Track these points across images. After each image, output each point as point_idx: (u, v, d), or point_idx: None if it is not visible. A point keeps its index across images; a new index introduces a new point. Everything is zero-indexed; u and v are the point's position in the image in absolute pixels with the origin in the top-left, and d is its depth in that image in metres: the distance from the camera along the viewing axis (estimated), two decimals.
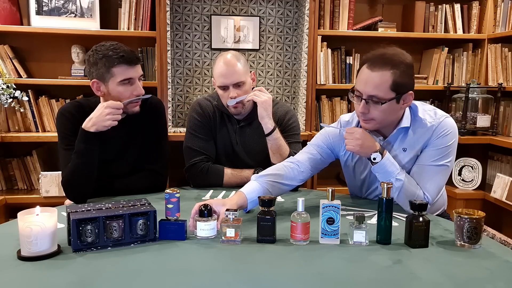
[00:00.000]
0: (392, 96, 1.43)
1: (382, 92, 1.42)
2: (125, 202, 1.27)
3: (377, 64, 1.42)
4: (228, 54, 1.84)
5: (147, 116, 1.77)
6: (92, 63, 1.65)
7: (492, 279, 1.02)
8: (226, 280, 1.00)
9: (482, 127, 2.80)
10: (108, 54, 1.62)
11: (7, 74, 2.54)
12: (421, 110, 1.55)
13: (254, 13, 2.88)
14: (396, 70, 1.41)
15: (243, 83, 1.81)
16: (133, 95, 1.67)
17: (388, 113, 1.47)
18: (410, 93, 1.47)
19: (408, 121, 1.52)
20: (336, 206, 1.20)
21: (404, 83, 1.43)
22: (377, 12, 2.98)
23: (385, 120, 1.49)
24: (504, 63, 2.85)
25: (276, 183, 1.52)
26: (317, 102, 2.86)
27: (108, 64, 1.62)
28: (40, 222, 1.08)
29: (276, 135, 1.75)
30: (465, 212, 1.22)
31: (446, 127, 1.50)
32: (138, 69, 1.68)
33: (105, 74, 1.63)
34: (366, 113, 1.46)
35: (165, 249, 1.17)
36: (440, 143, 1.49)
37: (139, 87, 1.68)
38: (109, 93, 1.66)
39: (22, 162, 2.68)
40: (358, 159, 1.64)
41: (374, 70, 1.42)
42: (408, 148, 1.53)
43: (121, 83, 1.64)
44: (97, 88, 1.68)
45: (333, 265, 1.10)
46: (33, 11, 2.56)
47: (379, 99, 1.43)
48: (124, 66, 1.63)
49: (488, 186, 2.87)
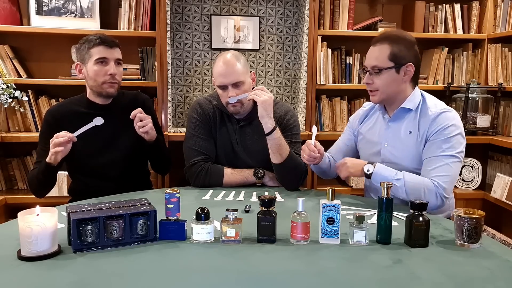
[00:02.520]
0: (391, 65, 1.60)
1: (381, 62, 1.61)
2: (125, 202, 1.27)
3: (379, 40, 1.63)
4: (228, 54, 1.84)
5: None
6: (77, 48, 1.85)
7: (492, 278, 1.02)
8: (226, 280, 1.01)
9: (482, 127, 2.80)
10: (89, 38, 1.82)
11: (7, 74, 2.54)
12: (431, 99, 1.67)
13: (254, 13, 2.88)
14: (394, 43, 1.60)
15: (242, 83, 1.81)
16: (107, 75, 1.80)
17: (390, 82, 1.62)
18: (409, 64, 1.61)
19: (413, 104, 1.65)
20: (336, 206, 1.21)
21: (403, 55, 1.60)
22: (377, 12, 2.99)
23: (388, 90, 1.63)
24: (504, 63, 2.85)
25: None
26: (317, 102, 2.87)
27: (88, 45, 1.81)
28: (40, 222, 1.08)
29: (276, 134, 1.75)
30: (465, 211, 1.22)
31: (445, 120, 1.57)
32: (114, 52, 1.83)
33: (85, 55, 1.81)
34: (370, 83, 1.65)
35: (165, 249, 1.18)
36: (441, 135, 1.56)
37: (113, 67, 1.82)
38: (88, 73, 1.83)
39: (22, 162, 2.69)
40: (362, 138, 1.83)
41: (375, 45, 1.63)
42: (414, 131, 1.63)
43: (97, 61, 1.79)
44: (79, 70, 1.86)
45: (333, 265, 1.10)
46: (33, 11, 2.56)
47: (378, 68, 1.61)
48: (100, 47, 1.80)
49: (488, 186, 2.87)
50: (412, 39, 1.65)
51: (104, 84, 1.81)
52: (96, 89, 1.84)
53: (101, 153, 1.86)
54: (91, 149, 1.84)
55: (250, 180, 1.85)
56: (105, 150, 1.86)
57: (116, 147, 1.88)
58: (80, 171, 1.90)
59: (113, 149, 1.87)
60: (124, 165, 1.90)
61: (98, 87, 1.83)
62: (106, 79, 1.81)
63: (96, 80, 1.81)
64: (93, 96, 1.88)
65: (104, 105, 1.88)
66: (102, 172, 1.87)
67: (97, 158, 1.86)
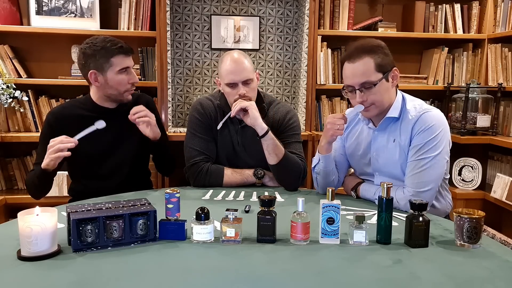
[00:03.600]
0: (381, 76, 1.54)
1: (370, 76, 1.53)
2: (125, 202, 1.27)
3: (355, 55, 1.54)
4: (235, 53, 1.84)
5: None
6: (89, 54, 1.76)
7: (492, 279, 1.02)
8: (226, 280, 1.00)
9: (482, 127, 2.79)
10: (107, 45, 1.75)
11: (7, 74, 2.54)
12: (410, 102, 1.62)
13: (254, 13, 2.88)
14: (373, 54, 1.53)
15: (251, 80, 1.82)
16: (129, 83, 1.81)
17: (383, 93, 1.56)
18: (394, 69, 1.58)
19: (396, 111, 1.60)
20: (336, 206, 1.20)
21: (385, 62, 1.55)
22: (377, 12, 2.99)
23: (383, 101, 1.58)
24: (504, 63, 2.85)
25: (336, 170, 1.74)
26: (317, 102, 2.87)
27: (108, 54, 1.75)
28: (40, 222, 1.08)
29: (271, 135, 1.74)
30: (465, 211, 1.22)
31: (426, 122, 1.54)
32: (131, 59, 1.84)
33: (104, 64, 1.75)
34: (365, 100, 1.56)
35: (165, 249, 1.17)
36: (422, 138, 1.53)
37: (134, 75, 1.83)
38: (106, 82, 1.78)
39: (22, 162, 2.69)
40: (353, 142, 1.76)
41: (355, 62, 1.54)
42: (397, 139, 1.60)
43: (120, 72, 1.77)
44: (95, 78, 1.78)
45: (333, 265, 1.10)
46: (33, 11, 2.56)
47: (370, 83, 1.53)
48: (121, 56, 1.77)
49: (488, 186, 2.87)
50: (382, 43, 1.59)
51: (126, 92, 1.81)
52: (116, 97, 1.81)
53: (106, 157, 1.84)
54: (96, 153, 1.82)
55: (250, 180, 1.85)
56: (110, 154, 1.85)
57: (121, 151, 1.86)
58: (83, 174, 1.87)
59: (118, 153, 1.86)
60: (128, 169, 1.88)
61: (118, 95, 1.81)
62: (128, 87, 1.81)
63: (118, 89, 1.79)
64: (102, 100, 1.84)
65: (111, 109, 1.85)
66: (106, 176, 1.85)
67: (101, 162, 1.84)
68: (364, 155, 1.70)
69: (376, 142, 1.65)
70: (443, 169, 1.57)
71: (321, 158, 1.69)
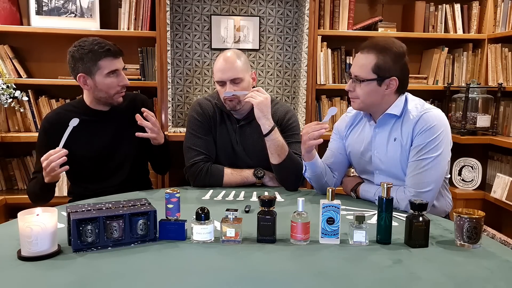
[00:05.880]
0: (373, 77, 1.55)
1: (363, 73, 1.55)
2: (125, 202, 1.27)
3: (366, 48, 1.57)
4: (228, 52, 1.84)
5: (136, 113, 1.79)
6: (77, 58, 1.74)
7: (492, 278, 1.02)
8: (226, 280, 1.00)
9: (482, 127, 2.79)
10: (94, 48, 1.72)
11: (7, 74, 2.54)
12: (411, 102, 1.62)
13: (254, 13, 2.88)
14: (380, 54, 1.53)
15: (240, 79, 1.81)
16: (119, 86, 1.78)
17: (370, 94, 1.57)
18: (393, 78, 1.56)
19: (398, 109, 1.60)
20: (336, 206, 1.20)
21: (387, 67, 1.54)
22: (377, 12, 2.98)
23: (367, 100, 1.59)
24: (504, 63, 2.85)
25: (328, 173, 1.74)
26: (317, 102, 2.87)
27: (95, 57, 1.72)
28: (40, 222, 1.08)
29: (275, 135, 1.74)
30: (465, 211, 1.22)
31: (427, 122, 1.54)
32: (121, 61, 1.80)
33: (92, 67, 1.73)
34: (351, 91, 1.61)
35: (165, 249, 1.17)
36: (423, 138, 1.53)
37: (123, 77, 1.80)
38: (95, 86, 1.76)
39: (22, 162, 2.69)
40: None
41: (362, 53, 1.58)
42: (398, 138, 1.60)
43: (108, 75, 1.75)
44: (84, 82, 1.77)
45: (333, 265, 1.10)
46: (33, 11, 2.56)
47: (359, 78, 1.56)
48: (109, 58, 1.74)
49: (488, 186, 2.87)
50: (400, 50, 1.55)
51: (116, 94, 1.79)
52: (106, 100, 1.80)
53: (104, 159, 1.84)
54: (94, 156, 1.81)
55: (250, 180, 1.84)
56: (108, 156, 1.84)
57: (119, 152, 1.85)
58: (82, 177, 1.86)
59: (116, 155, 1.85)
60: (127, 169, 1.88)
61: (108, 98, 1.79)
62: (118, 90, 1.79)
63: (108, 92, 1.77)
64: (94, 103, 1.82)
65: (105, 112, 1.84)
66: (105, 178, 1.85)
67: (100, 164, 1.83)
68: (365, 153, 1.70)
69: (376, 140, 1.65)
70: (444, 170, 1.57)
71: (306, 165, 1.71)
